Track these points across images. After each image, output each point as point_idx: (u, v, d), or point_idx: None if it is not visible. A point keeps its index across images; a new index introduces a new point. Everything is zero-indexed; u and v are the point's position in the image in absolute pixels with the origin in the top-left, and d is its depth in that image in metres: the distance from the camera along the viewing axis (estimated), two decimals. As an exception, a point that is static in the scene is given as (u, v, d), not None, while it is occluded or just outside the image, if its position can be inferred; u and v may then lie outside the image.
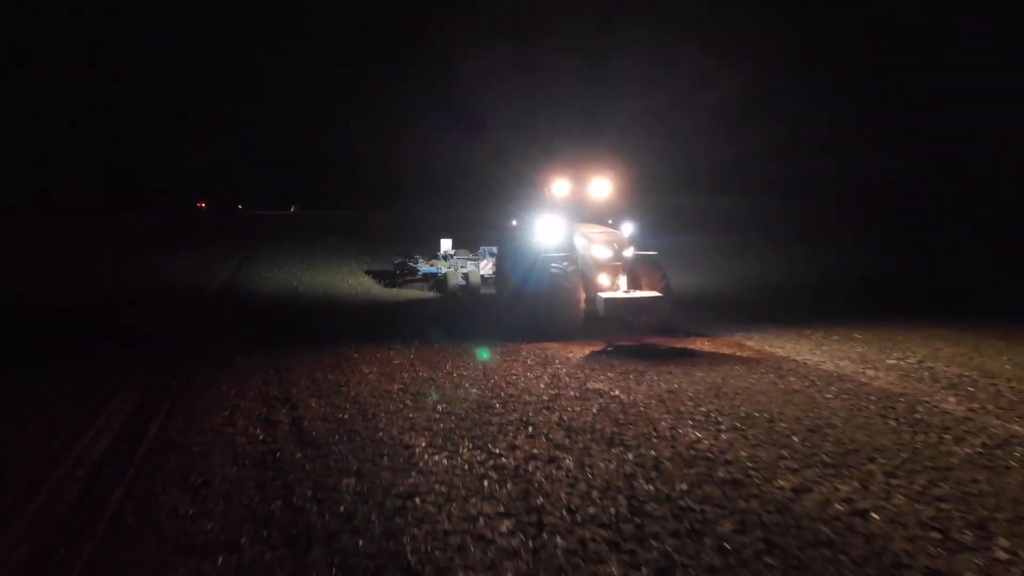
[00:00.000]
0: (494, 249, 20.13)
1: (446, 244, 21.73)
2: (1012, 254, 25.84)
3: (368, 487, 5.52)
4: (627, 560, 4.38)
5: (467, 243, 22.64)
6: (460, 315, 14.91)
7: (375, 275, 22.02)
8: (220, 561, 4.37)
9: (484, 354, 10.73)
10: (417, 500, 5.27)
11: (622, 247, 12.64)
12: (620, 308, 12.03)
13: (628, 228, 13.57)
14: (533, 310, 12.44)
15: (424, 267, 19.71)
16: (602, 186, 14.13)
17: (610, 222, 14.04)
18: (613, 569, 4.28)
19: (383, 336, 12.02)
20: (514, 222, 15.38)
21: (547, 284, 12.28)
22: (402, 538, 4.65)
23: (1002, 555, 4.47)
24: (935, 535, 4.72)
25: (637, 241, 13.30)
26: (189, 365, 9.77)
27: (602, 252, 12.52)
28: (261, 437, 6.77)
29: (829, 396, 8.32)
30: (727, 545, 4.56)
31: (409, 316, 15.16)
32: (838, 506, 5.17)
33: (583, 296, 12.26)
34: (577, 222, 13.75)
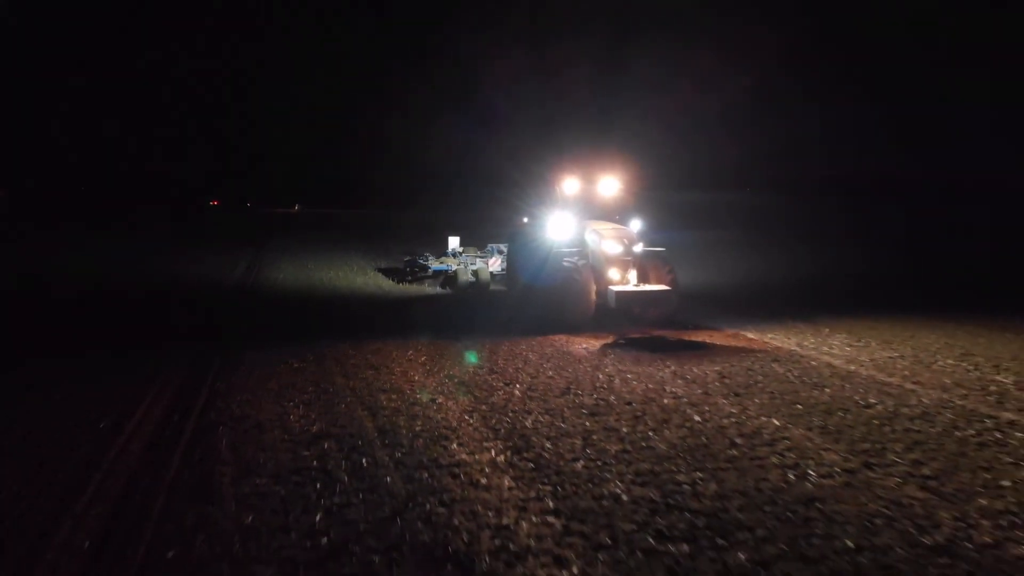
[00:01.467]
0: (502, 247, 20.56)
1: (454, 241, 22.12)
2: (1011, 250, 26.30)
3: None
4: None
5: (473, 241, 23.06)
6: (474, 310, 15.36)
7: (385, 272, 22.44)
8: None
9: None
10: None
11: (632, 243, 13.10)
12: (630, 301, 12.50)
13: (636, 224, 14.04)
14: (546, 304, 12.86)
15: (435, 264, 20.13)
16: (611, 184, 14.58)
17: (617, 218, 14.50)
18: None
19: (406, 329, 12.48)
20: (525, 219, 15.82)
21: (559, 278, 12.73)
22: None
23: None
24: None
25: (645, 237, 13.76)
26: (221, 355, 10.22)
27: (613, 247, 12.98)
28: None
29: (828, 387, 8.77)
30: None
31: (426, 311, 15.57)
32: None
33: (594, 289, 12.71)
34: (586, 219, 14.21)
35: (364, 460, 6.05)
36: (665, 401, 7.90)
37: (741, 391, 8.35)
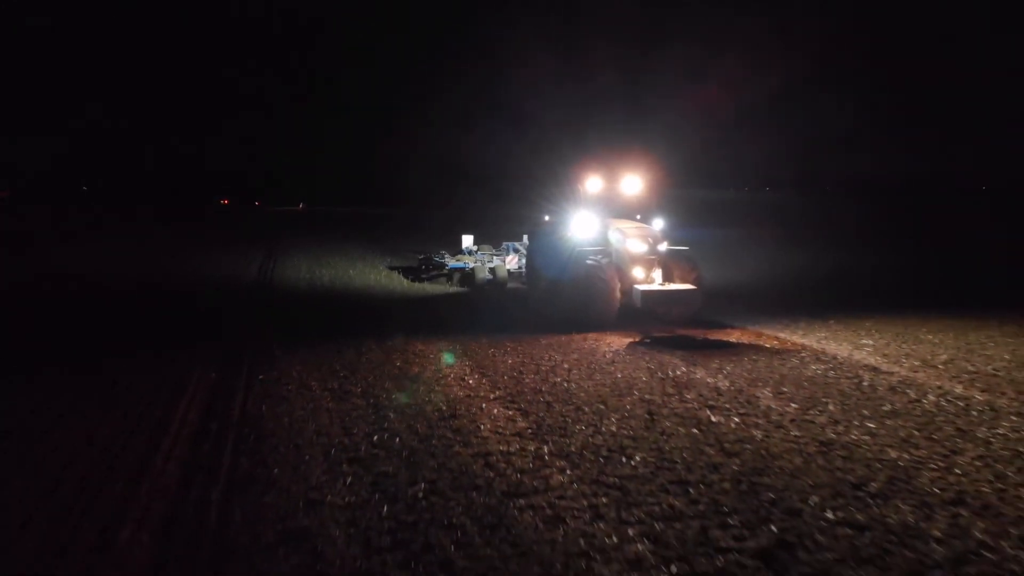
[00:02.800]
0: (517, 245, 20.58)
1: (467, 240, 22.12)
2: None
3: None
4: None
5: (487, 239, 23.04)
6: (496, 307, 15.39)
7: (399, 270, 22.45)
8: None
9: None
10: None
11: (656, 242, 13.11)
12: (656, 300, 12.50)
13: (658, 223, 14.06)
14: (570, 302, 12.85)
15: (451, 262, 20.15)
16: (633, 182, 14.58)
17: (638, 217, 14.51)
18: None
19: (436, 327, 12.56)
20: (547, 217, 15.82)
21: (583, 277, 12.72)
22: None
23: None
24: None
25: (668, 236, 13.77)
26: (251, 352, 10.25)
27: (637, 246, 12.99)
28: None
29: (862, 385, 8.79)
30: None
31: (449, 309, 15.58)
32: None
33: (619, 288, 12.72)
34: (609, 218, 14.22)
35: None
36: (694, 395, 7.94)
37: (786, 390, 8.38)
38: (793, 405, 7.74)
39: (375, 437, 6.58)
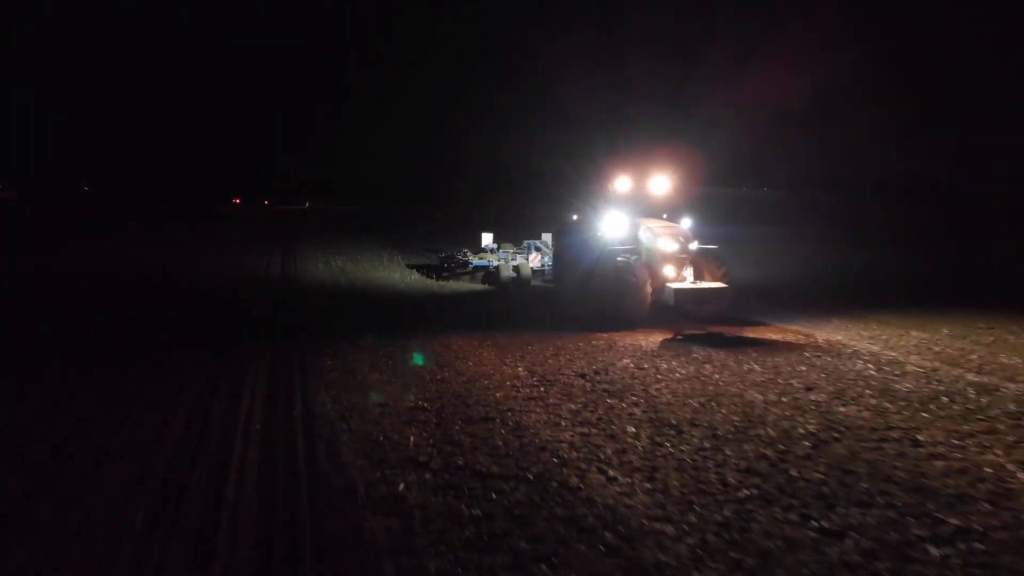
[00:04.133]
0: (539, 243, 20.75)
1: (487, 238, 22.26)
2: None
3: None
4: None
5: (507, 237, 23.18)
6: (525, 306, 15.58)
7: (420, 269, 22.61)
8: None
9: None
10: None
11: (688, 240, 13.27)
12: (688, 298, 12.68)
13: (686, 222, 14.22)
14: (599, 300, 12.99)
15: (475, 260, 20.32)
16: (662, 182, 14.74)
17: (665, 216, 14.67)
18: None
19: (473, 324, 12.82)
20: (575, 216, 15.99)
21: (613, 275, 12.88)
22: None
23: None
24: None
25: (697, 234, 13.93)
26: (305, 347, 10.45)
27: (668, 245, 13.15)
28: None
29: (897, 379, 8.95)
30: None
31: (479, 307, 15.75)
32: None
33: (650, 286, 12.88)
34: (638, 216, 14.38)
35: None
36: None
37: (818, 384, 8.54)
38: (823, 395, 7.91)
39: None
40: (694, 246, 13.33)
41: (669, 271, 13.09)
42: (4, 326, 12.54)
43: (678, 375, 9.10)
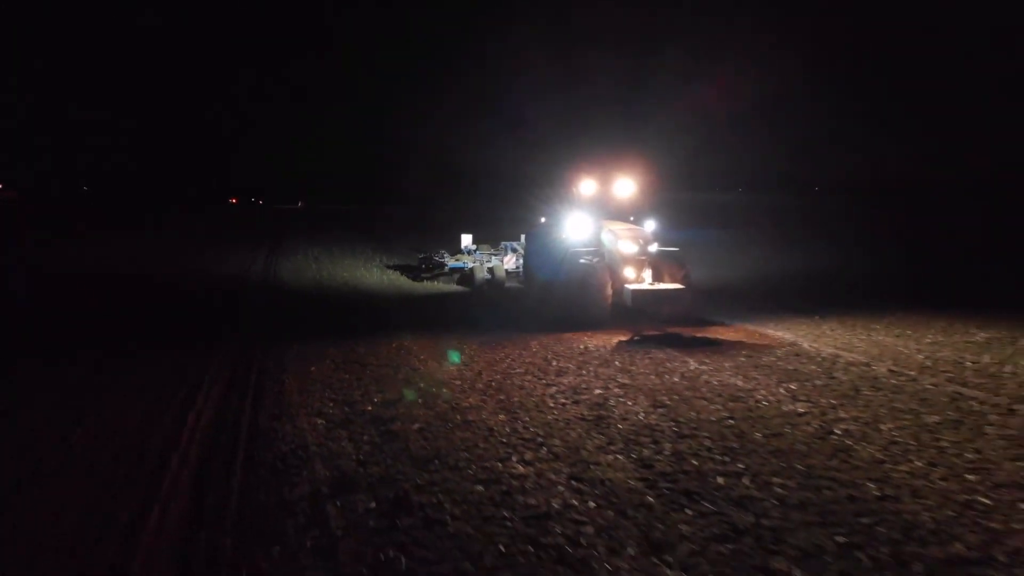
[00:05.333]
0: (515, 245, 21.05)
1: (466, 239, 22.56)
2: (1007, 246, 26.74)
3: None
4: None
5: (486, 239, 23.50)
6: (494, 307, 15.89)
7: (399, 269, 22.92)
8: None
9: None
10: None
11: (647, 243, 13.58)
12: (646, 299, 12.97)
13: (650, 225, 14.53)
14: (564, 301, 13.32)
15: (451, 262, 20.63)
16: (626, 185, 15.05)
17: (632, 219, 14.99)
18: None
19: (444, 325, 13.21)
20: (543, 219, 16.29)
21: (577, 277, 13.21)
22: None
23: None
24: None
25: (660, 237, 14.25)
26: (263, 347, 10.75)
27: (629, 247, 13.47)
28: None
29: (838, 377, 9.26)
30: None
31: (452, 308, 16.12)
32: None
33: (611, 288, 13.19)
34: (602, 219, 14.69)
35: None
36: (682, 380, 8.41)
37: (759, 376, 8.85)
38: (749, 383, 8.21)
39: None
40: (654, 248, 13.63)
41: (629, 273, 13.41)
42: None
43: (610, 370, 9.42)
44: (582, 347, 11.31)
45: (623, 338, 12.11)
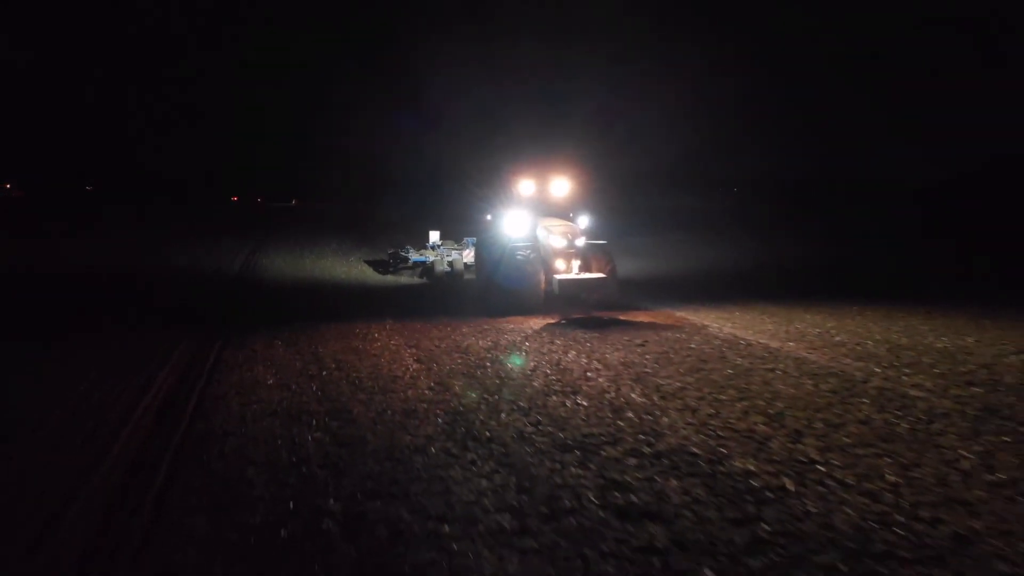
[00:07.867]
0: (475, 240, 22.63)
1: (434, 235, 24.21)
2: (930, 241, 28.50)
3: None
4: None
5: (453, 235, 25.10)
6: (444, 296, 17.44)
7: (372, 264, 24.49)
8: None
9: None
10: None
11: (575, 237, 15.15)
12: (572, 287, 14.58)
13: (584, 221, 16.10)
14: (503, 291, 14.93)
15: (414, 256, 22.20)
16: (562, 185, 16.62)
17: (571, 216, 16.55)
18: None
19: (391, 313, 14.61)
20: (488, 216, 17.86)
21: (514, 269, 14.80)
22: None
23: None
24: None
25: (591, 232, 15.82)
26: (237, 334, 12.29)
27: (558, 241, 15.04)
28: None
29: (736, 355, 10.83)
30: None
31: (406, 297, 17.68)
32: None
33: (543, 278, 14.77)
34: (541, 216, 16.25)
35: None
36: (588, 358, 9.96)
37: (652, 353, 10.40)
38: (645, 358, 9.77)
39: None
40: (581, 242, 15.19)
41: (560, 264, 14.98)
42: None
43: (527, 348, 10.98)
44: (511, 327, 12.88)
45: (551, 321, 13.69)
